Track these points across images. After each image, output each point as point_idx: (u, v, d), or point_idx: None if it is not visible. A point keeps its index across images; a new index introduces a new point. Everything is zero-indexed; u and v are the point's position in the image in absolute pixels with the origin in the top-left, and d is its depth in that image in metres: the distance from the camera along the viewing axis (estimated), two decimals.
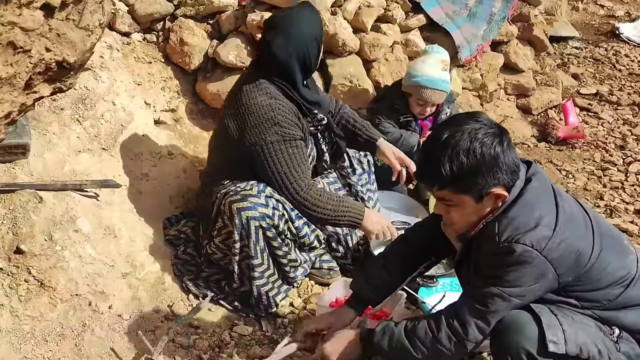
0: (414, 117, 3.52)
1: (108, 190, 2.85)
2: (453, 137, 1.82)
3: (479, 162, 1.81)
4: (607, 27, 6.76)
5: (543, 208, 1.91)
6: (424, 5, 3.97)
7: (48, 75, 1.73)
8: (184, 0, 3.53)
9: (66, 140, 2.89)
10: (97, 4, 1.78)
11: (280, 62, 2.65)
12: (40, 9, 1.50)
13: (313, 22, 2.72)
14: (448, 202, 1.93)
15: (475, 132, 1.82)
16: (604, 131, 4.74)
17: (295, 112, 2.70)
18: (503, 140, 1.85)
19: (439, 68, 3.41)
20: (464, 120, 1.89)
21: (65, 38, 1.66)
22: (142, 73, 3.43)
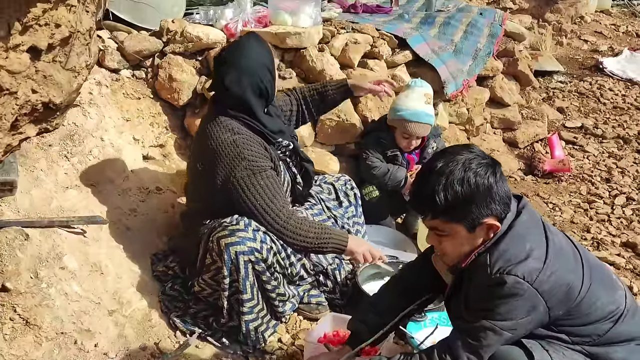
0: (401, 151, 3.55)
1: (95, 226, 2.84)
2: (447, 166, 1.84)
3: (472, 191, 1.82)
4: (591, 61, 6.90)
5: (534, 241, 1.92)
6: (410, 42, 4.04)
7: (34, 116, 1.74)
8: (173, 38, 3.57)
9: (54, 177, 2.89)
10: (84, 46, 1.80)
11: (236, 96, 2.65)
12: (27, 52, 1.52)
13: (261, 51, 2.72)
14: (441, 232, 1.94)
15: (469, 162, 1.84)
16: (590, 164, 4.80)
17: (261, 142, 2.69)
18: (496, 171, 1.88)
19: (422, 102, 3.45)
20: (458, 150, 1.91)
21: (52, 80, 1.68)
22: (131, 109, 3.45)
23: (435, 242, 2.01)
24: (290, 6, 3.67)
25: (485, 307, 1.92)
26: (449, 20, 4.64)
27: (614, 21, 8.45)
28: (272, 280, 2.66)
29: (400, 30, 4.12)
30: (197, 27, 3.61)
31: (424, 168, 1.96)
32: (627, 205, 4.24)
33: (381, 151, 3.53)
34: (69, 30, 1.60)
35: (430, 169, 1.88)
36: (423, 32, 4.26)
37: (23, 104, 1.63)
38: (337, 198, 3.13)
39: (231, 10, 3.71)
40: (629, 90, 6.28)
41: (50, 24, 1.51)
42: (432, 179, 1.86)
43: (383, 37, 3.98)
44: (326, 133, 3.68)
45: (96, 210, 2.94)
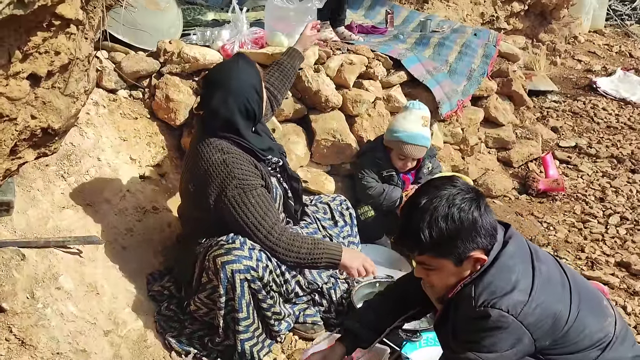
0: (396, 171, 3.58)
1: (91, 246, 2.85)
2: (431, 202, 1.85)
3: (457, 227, 1.83)
4: (584, 81, 6.96)
5: (520, 271, 1.92)
6: (404, 63, 4.08)
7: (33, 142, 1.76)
8: (170, 58, 3.60)
9: (50, 197, 2.90)
10: (83, 72, 1.83)
11: (223, 117, 2.67)
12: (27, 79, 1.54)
13: (249, 72, 2.73)
14: (428, 266, 1.95)
15: (453, 198, 1.85)
16: (584, 183, 4.83)
17: (251, 160, 2.71)
18: (480, 204, 1.88)
19: (419, 124, 3.48)
20: (441, 185, 1.91)
21: (51, 105, 1.70)
22: (128, 129, 3.47)
23: (423, 275, 2.02)
24: (287, 27, 3.71)
25: (470, 339, 1.93)
26: (443, 41, 4.69)
27: (608, 41, 8.53)
28: (268, 299, 2.67)
29: (395, 51, 4.17)
30: (194, 48, 3.65)
31: (408, 204, 1.96)
32: (621, 224, 4.26)
33: (377, 171, 3.56)
34: (68, 58, 1.63)
35: (414, 206, 1.89)
36: (418, 53, 4.30)
37: (22, 129, 1.65)
38: (332, 218, 3.15)
39: (228, 32, 3.75)
40: (622, 109, 6.33)
41: (50, 51, 1.54)
42: (416, 216, 1.87)
43: (378, 58, 4.02)
44: (322, 153, 3.71)
45: (92, 230, 2.95)
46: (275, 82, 3.17)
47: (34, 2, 1.23)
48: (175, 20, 4.04)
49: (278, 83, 3.18)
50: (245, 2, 4.88)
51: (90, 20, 1.82)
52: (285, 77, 3.22)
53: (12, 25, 1.35)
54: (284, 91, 3.24)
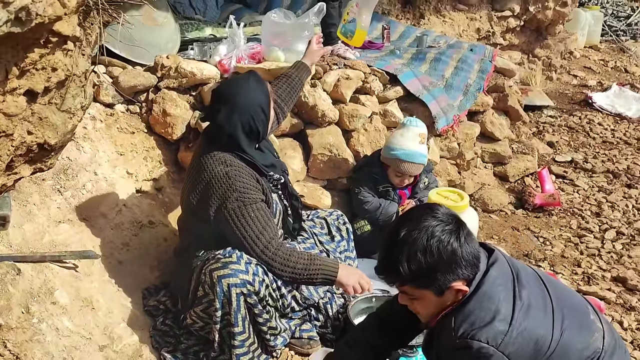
0: (393, 187, 3.59)
1: (87, 260, 2.84)
2: (410, 235, 1.85)
3: (436, 260, 1.83)
4: (580, 96, 7.00)
5: (500, 299, 1.91)
6: (401, 78, 4.10)
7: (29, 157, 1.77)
8: (167, 73, 3.61)
9: (46, 211, 2.90)
10: (80, 88, 1.84)
11: (226, 133, 2.70)
12: (23, 95, 1.55)
13: (258, 90, 2.75)
14: (410, 295, 1.96)
15: (433, 230, 1.85)
16: (580, 198, 4.84)
17: (253, 174, 2.72)
18: (460, 235, 1.88)
19: (416, 142, 3.50)
20: (421, 216, 1.91)
21: (47, 121, 1.71)
22: (125, 143, 3.47)
23: (407, 303, 2.02)
24: (283, 43, 3.73)
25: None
26: (439, 56, 4.71)
27: (603, 57, 8.59)
28: (264, 314, 2.66)
29: (391, 66, 4.19)
30: (191, 62, 3.66)
31: (388, 235, 1.95)
32: (617, 239, 4.27)
33: (373, 186, 3.57)
34: (65, 74, 1.64)
35: (394, 238, 1.89)
36: (414, 68, 4.33)
37: (19, 145, 1.66)
38: (329, 232, 3.15)
39: (225, 47, 3.77)
40: (617, 124, 6.36)
41: (47, 67, 1.55)
42: (395, 249, 1.87)
43: (374, 73, 4.04)
44: (318, 168, 3.72)
45: (88, 244, 2.94)
46: (283, 95, 3.19)
47: (31, 20, 1.24)
48: (172, 36, 4.07)
49: (285, 95, 3.20)
50: (242, 18, 4.91)
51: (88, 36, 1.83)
52: (293, 89, 3.25)
53: (10, 42, 1.36)
54: (290, 104, 3.26)
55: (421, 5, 6.36)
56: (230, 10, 5.23)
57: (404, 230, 1.87)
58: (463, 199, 3.44)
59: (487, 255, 2.00)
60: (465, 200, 3.44)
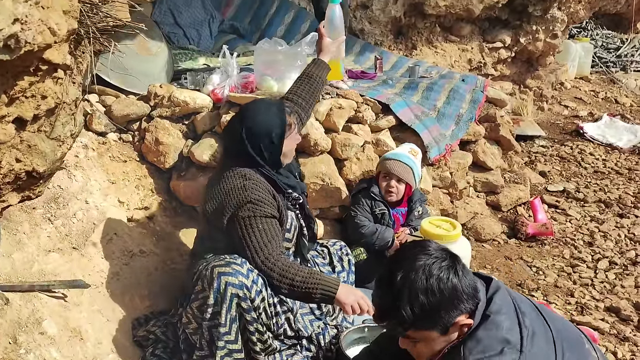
0: (388, 210, 3.59)
1: (77, 290, 2.81)
2: (407, 278, 1.81)
3: (438, 299, 1.80)
4: (571, 126, 7.04)
5: (507, 328, 1.89)
6: (393, 107, 4.12)
7: (17, 185, 1.76)
8: (160, 102, 3.63)
9: (36, 240, 2.87)
10: (69, 116, 1.84)
11: (240, 152, 2.79)
12: (12, 123, 1.54)
13: (271, 119, 2.82)
14: (413, 339, 1.91)
15: (430, 269, 1.81)
16: (572, 228, 4.83)
17: (270, 189, 2.78)
18: (457, 270, 1.85)
19: (406, 150, 3.61)
20: (415, 255, 1.87)
21: (36, 149, 1.70)
22: (117, 172, 3.47)
23: (409, 347, 1.97)
24: (276, 72, 3.75)
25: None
26: (431, 86, 4.75)
27: (594, 87, 8.67)
28: (256, 323, 2.62)
29: (383, 95, 4.21)
30: (185, 91, 3.68)
31: (383, 280, 1.90)
32: (610, 269, 4.26)
33: (370, 208, 3.57)
34: (55, 101, 1.63)
35: (390, 283, 1.84)
36: (406, 98, 4.35)
37: (6, 172, 1.65)
38: (330, 262, 3.15)
39: (218, 76, 3.79)
40: (609, 155, 6.39)
41: (36, 95, 1.54)
42: (394, 294, 1.81)
43: (367, 102, 4.06)
44: (311, 197, 3.70)
45: (78, 273, 2.92)
46: (306, 95, 3.25)
47: (20, 47, 1.24)
48: (166, 65, 4.09)
49: (308, 96, 3.26)
50: (236, 48, 4.95)
51: (79, 65, 1.84)
52: (315, 89, 3.30)
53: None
54: (313, 104, 3.33)
55: (413, 37, 6.43)
56: (224, 40, 5.28)
57: (399, 273, 1.82)
58: (455, 228, 3.43)
59: (485, 284, 1.98)
60: (457, 229, 3.43)
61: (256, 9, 5.97)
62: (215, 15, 5.63)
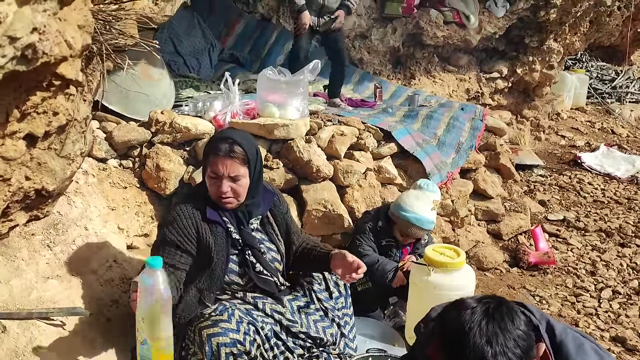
0: (396, 242, 3.54)
1: (75, 318, 2.75)
2: (493, 343, 1.67)
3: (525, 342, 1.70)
4: (569, 156, 7.06)
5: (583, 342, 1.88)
6: (395, 135, 4.12)
7: (26, 203, 1.72)
8: (162, 128, 3.60)
9: (35, 267, 2.82)
10: (80, 134, 1.81)
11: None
12: (23, 139, 1.52)
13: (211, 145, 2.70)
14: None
15: (501, 319, 1.71)
16: (574, 257, 4.80)
17: (194, 224, 2.61)
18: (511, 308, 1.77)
19: (429, 207, 3.49)
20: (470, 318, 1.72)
21: (46, 167, 1.67)
22: (117, 198, 3.43)
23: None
24: (278, 99, 3.75)
25: None
26: (431, 114, 4.76)
27: (590, 118, 8.73)
28: None
29: (385, 123, 4.21)
30: (186, 118, 3.67)
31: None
32: (613, 298, 4.22)
33: (376, 239, 3.52)
34: (66, 118, 1.61)
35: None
36: (407, 125, 4.36)
37: (16, 190, 1.61)
38: (327, 288, 3.07)
39: (220, 103, 3.79)
40: (607, 184, 6.40)
41: (48, 112, 1.52)
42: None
43: (369, 130, 4.06)
44: (313, 223, 3.68)
45: (77, 301, 2.85)
46: (298, 260, 3.02)
47: (37, 58, 1.22)
48: (167, 92, 4.08)
49: (299, 258, 3.01)
50: (236, 76, 4.96)
51: (89, 83, 1.81)
52: (305, 262, 3.01)
53: (12, 84, 1.33)
54: (292, 268, 3.05)
55: (412, 66, 6.47)
56: (224, 69, 5.31)
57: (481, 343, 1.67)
58: (459, 255, 3.39)
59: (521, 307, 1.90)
60: (462, 257, 3.38)
61: (256, 39, 6.02)
62: (216, 44, 5.66)
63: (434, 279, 3.11)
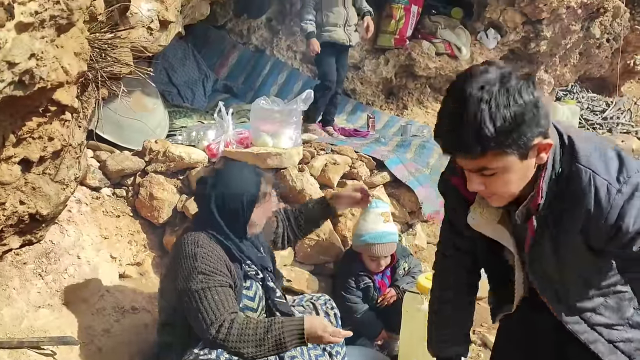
0: (372, 281, 3.53)
1: (66, 347, 2.73)
2: (484, 90, 1.49)
3: (522, 109, 1.50)
4: None
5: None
6: (387, 164, 4.14)
7: (19, 228, 1.73)
8: (155, 157, 3.62)
9: (26, 295, 2.81)
10: (74, 159, 1.83)
11: (204, 212, 2.67)
12: (18, 164, 1.53)
13: (243, 184, 2.69)
14: (489, 170, 1.58)
15: (507, 79, 1.52)
16: None
17: (223, 258, 2.62)
18: (534, 82, 1.56)
19: (380, 221, 3.46)
20: (485, 69, 1.55)
21: (40, 191, 1.68)
22: (110, 227, 3.43)
23: (481, 185, 1.63)
24: (271, 128, 3.78)
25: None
26: (424, 144, 4.80)
27: None
28: None
29: (377, 152, 4.24)
30: (180, 147, 3.69)
31: (452, 99, 1.56)
32: None
33: (355, 284, 3.50)
34: (61, 144, 1.62)
35: (464, 98, 1.51)
36: (400, 155, 4.39)
37: (10, 215, 1.62)
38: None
39: (213, 132, 3.81)
40: None
41: (43, 137, 1.53)
42: (470, 109, 1.49)
43: (362, 159, 4.09)
44: (305, 252, 3.68)
45: (68, 330, 2.83)
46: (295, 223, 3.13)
47: (34, 83, 1.24)
48: (161, 121, 4.12)
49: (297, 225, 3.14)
50: (229, 107, 5.00)
51: (84, 109, 1.84)
52: (307, 224, 3.17)
53: (9, 109, 1.35)
54: (299, 235, 3.19)
55: (404, 97, 6.54)
56: (217, 99, 5.35)
57: (473, 87, 1.50)
58: None
59: None
60: None
61: (250, 70, 6.09)
62: (210, 74, 5.72)
63: (426, 308, 3.10)
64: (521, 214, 1.71)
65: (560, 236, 1.68)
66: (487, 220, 1.79)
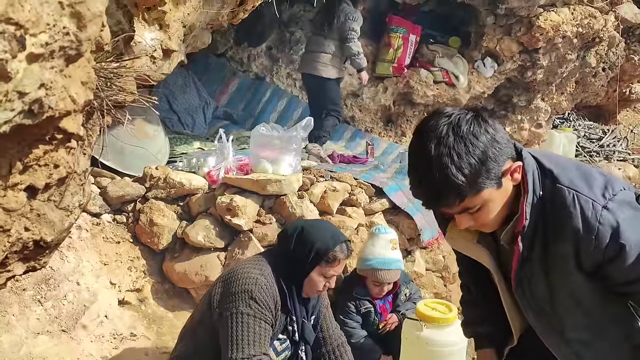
0: (374, 306, 3.53)
1: None
2: (441, 144, 1.56)
3: (481, 150, 1.57)
4: None
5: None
6: (386, 191, 4.17)
7: (24, 254, 1.74)
8: (156, 184, 3.64)
9: (25, 322, 2.81)
10: (79, 186, 1.85)
11: (280, 252, 2.67)
12: (24, 191, 1.55)
13: (325, 237, 2.68)
14: (472, 208, 1.64)
15: (457, 127, 1.58)
16: None
17: (276, 299, 2.60)
18: (484, 118, 1.63)
19: (388, 248, 3.49)
20: (436, 123, 1.61)
21: (45, 218, 1.70)
22: (110, 253, 3.44)
23: (469, 223, 1.68)
24: (271, 155, 3.81)
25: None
26: None
27: None
28: None
29: (376, 179, 4.27)
30: (180, 173, 3.71)
31: (416, 162, 1.63)
32: None
33: (355, 309, 3.50)
34: (67, 171, 1.65)
35: (426, 159, 1.57)
36: (399, 182, 4.41)
37: (15, 241, 1.63)
38: None
39: (214, 159, 3.84)
40: None
41: (49, 164, 1.56)
42: (436, 167, 1.55)
43: (361, 186, 4.11)
44: None
45: (66, 357, 2.83)
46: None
47: (42, 112, 1.27)
48: (162, 148, 4.14)
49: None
50: (230, 133, 5.04)
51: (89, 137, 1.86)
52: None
53: (17, 138, 1.38)
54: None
55: (402, 124, 6.58)
56: (218, 126, 5.39)
57: (430, 145, 1.56)
58: (451, 310, 3.39)
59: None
60: (453, 312, 3.39)
61: (250, 97, 6.14)
62: (210, 101, 5.76)
63: (426, 335, 3.10)
64: (506, 236, 1.73)
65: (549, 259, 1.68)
66: (465, 239, 1.83)
